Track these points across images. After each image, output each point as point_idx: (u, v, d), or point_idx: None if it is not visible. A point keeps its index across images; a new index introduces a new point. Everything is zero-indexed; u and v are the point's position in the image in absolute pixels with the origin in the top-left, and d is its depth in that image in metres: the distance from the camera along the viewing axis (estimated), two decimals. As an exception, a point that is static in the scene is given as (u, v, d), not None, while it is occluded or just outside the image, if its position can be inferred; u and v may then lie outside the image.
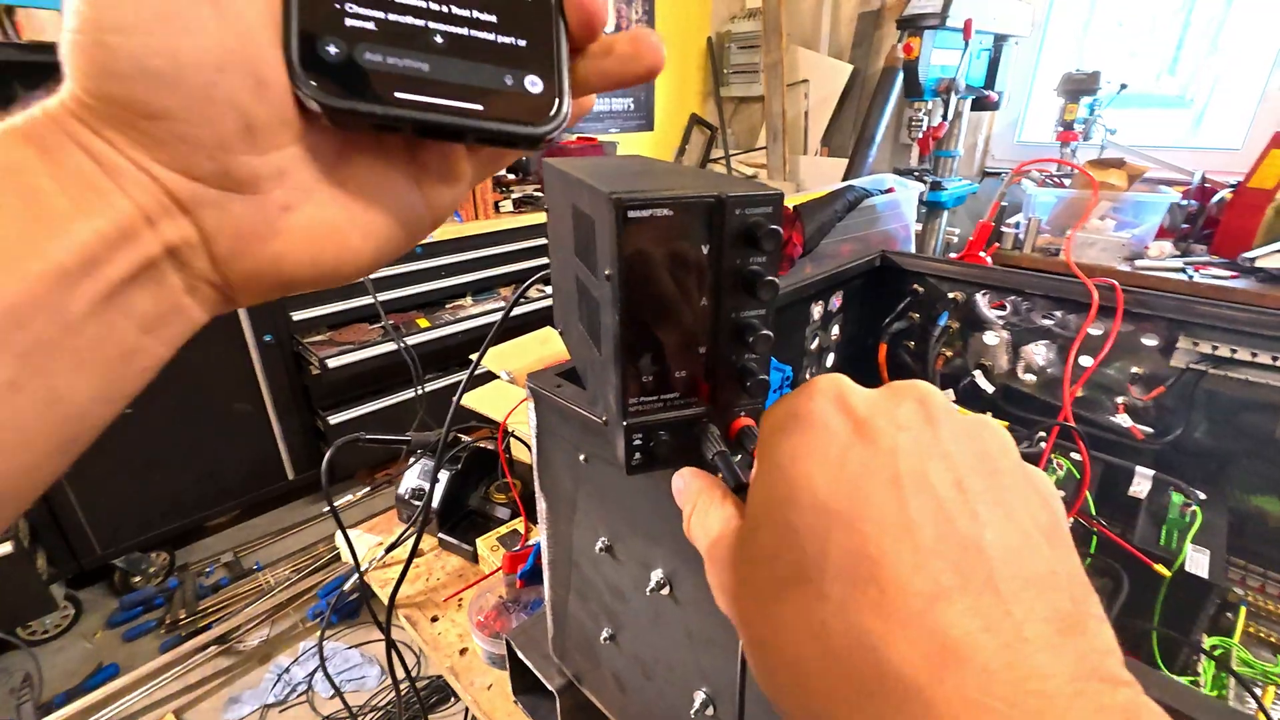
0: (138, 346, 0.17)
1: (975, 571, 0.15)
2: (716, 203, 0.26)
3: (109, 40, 0.15)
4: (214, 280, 0.18)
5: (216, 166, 0.17)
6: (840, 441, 0.19)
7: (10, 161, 0.15)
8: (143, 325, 0.17)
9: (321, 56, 0.17)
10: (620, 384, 0.28)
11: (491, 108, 0.19)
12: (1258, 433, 0.56)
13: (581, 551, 0.42)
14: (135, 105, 0.15)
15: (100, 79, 0.15)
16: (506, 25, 0.19)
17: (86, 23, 0.15)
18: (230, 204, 0.17)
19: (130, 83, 0.15)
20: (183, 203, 0.17)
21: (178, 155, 0.16)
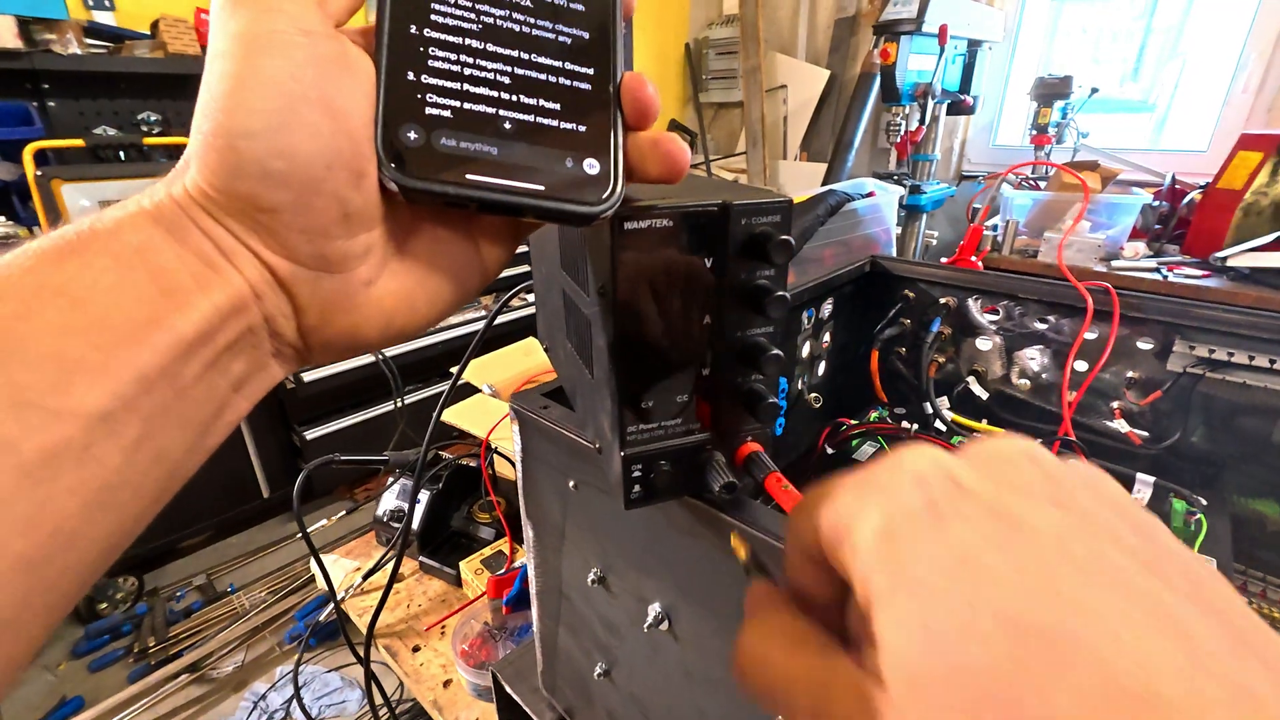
0: (228, 403, 0.19)
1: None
2: (720, 211, 0.24)
3: (239, 145, 0.17)
4: (297, 345, 0.20)
5: (315, 250, 0.18)
6: (997, 537, 0.13)
7: (141, 241, 0.17)
8: (235, 385, 0.19)
9: (403, 142, 0.19)
10: (616, 410, 0.26)
11: (552, 188, 0.20)
12: (1255, 436, 0.55)
13: (572, 583, 0.39)
14: (254, 200, 0.17)
15: (227, 177, 0.17)
16: (568, 113, 0.21)
17: (220, 128, 0.17)
18: (322, 281, 0.19)
19: (253, 181, 0.17)
20: (283, 280, 0.19)
21: (284, 241, 0.18)
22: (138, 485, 0.17)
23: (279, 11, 0.17)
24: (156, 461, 0.17)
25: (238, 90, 0.17)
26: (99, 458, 0.15)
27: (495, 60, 0.20)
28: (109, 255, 0.16)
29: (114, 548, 0.17)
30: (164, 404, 0.17)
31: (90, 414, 0.15)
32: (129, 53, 1.77)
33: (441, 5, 0.19)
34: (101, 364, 0.15)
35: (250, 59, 0.17)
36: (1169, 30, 2.28)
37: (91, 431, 0.15)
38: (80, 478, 0.15)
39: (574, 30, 0.21)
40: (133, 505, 0.17)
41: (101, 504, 0.16)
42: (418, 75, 0.19)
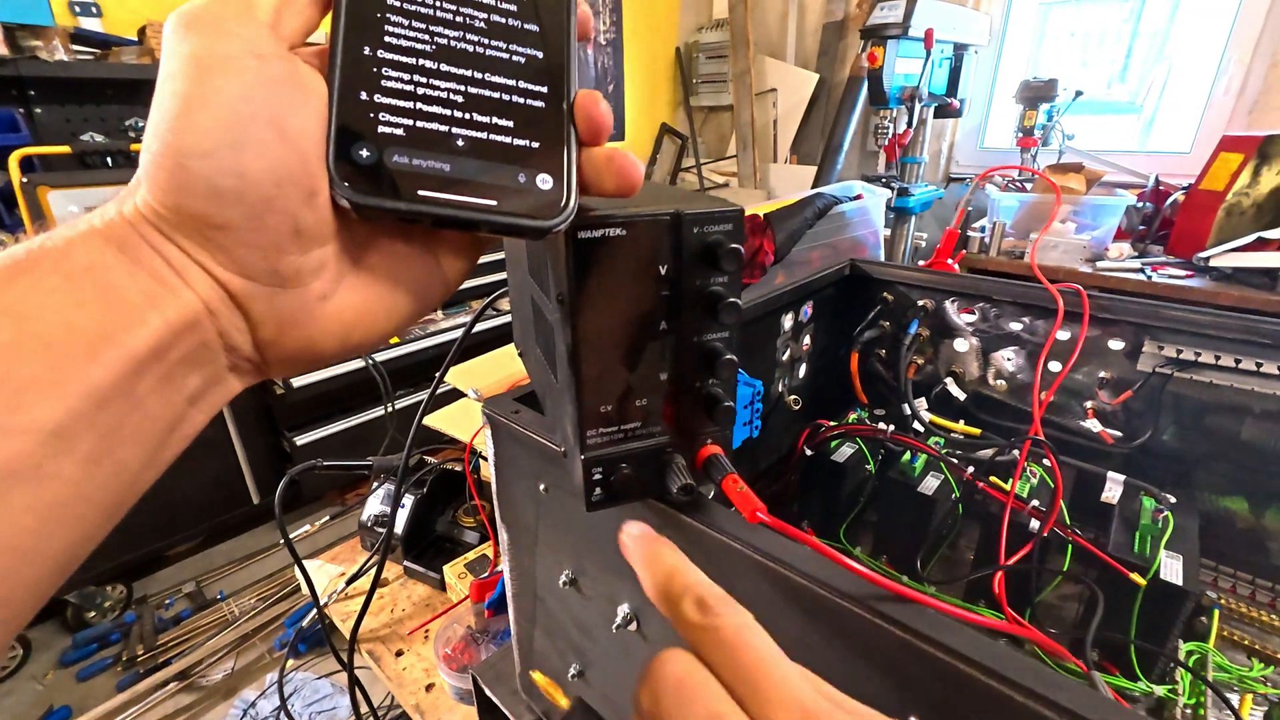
0: (183, 416, 0.19)
1: None
2: (674, 220, 0.24)
3: (188, 164, 0.17)
4: (254, 359, 0.20)
5: (267, 266, 0.19)
6: None
7: (89, 260, 0.17)
8: (190, 399, 0.19)
9: (355, 160, 0.19)
10: (577, 414, 0.26)
11: (505, 203, 0.20)
12: (1224, 434, 0.56)
13: (545, 585, 0.40)
14: (205, 217, 0.18)
15: (177, 195, 0.17)
16: (522, 130, 0.21)
17: (169, 147, 0.17)
18: (276, 297, 0.19)
19: (203, 199, 0.17)
20: (236, 296, 0.19)
21: (236, 258, 0.18)
22: (93, 499, 0.17)
23: (231, 35, 0.18)
24: (113, 475, 0.17)
25: (188, 111, 0.17)
26: (53, 473, 0.16)
27: (449, 80, 0.20)
28: (59, 274, 0.16)
29: (70, 562, 0.17)
30: (118, 419, 0.17)
31: (43, 430, 0.15)
32: (116, 59, 1.77)
33: (395, 27, 0.20)
34: (53, 381, 0.15)
35: (201, 80, 0.17)
36: (1156, 33, 2.31)
37: (45, 447, 0.15)
38: (36, 494, 0.15)
39: (528, 50, 0.22)
40: (89, 519, 0.17)
41: (57, 519, 0.16)
42: (370, 95, 0.19)
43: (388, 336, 0.23)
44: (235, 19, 0.18)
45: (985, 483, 0.54)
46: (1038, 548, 0.49)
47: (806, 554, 0.24)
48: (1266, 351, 0.52)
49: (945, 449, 0.62)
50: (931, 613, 0.21)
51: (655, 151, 3.48)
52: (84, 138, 1.74)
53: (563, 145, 0.21)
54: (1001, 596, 0.46)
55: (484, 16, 0.21)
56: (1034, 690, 0.19)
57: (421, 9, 0.20)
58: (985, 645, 0.20)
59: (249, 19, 0.18)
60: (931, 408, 0.71)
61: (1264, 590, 0.56)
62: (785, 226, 1.11)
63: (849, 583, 0.23)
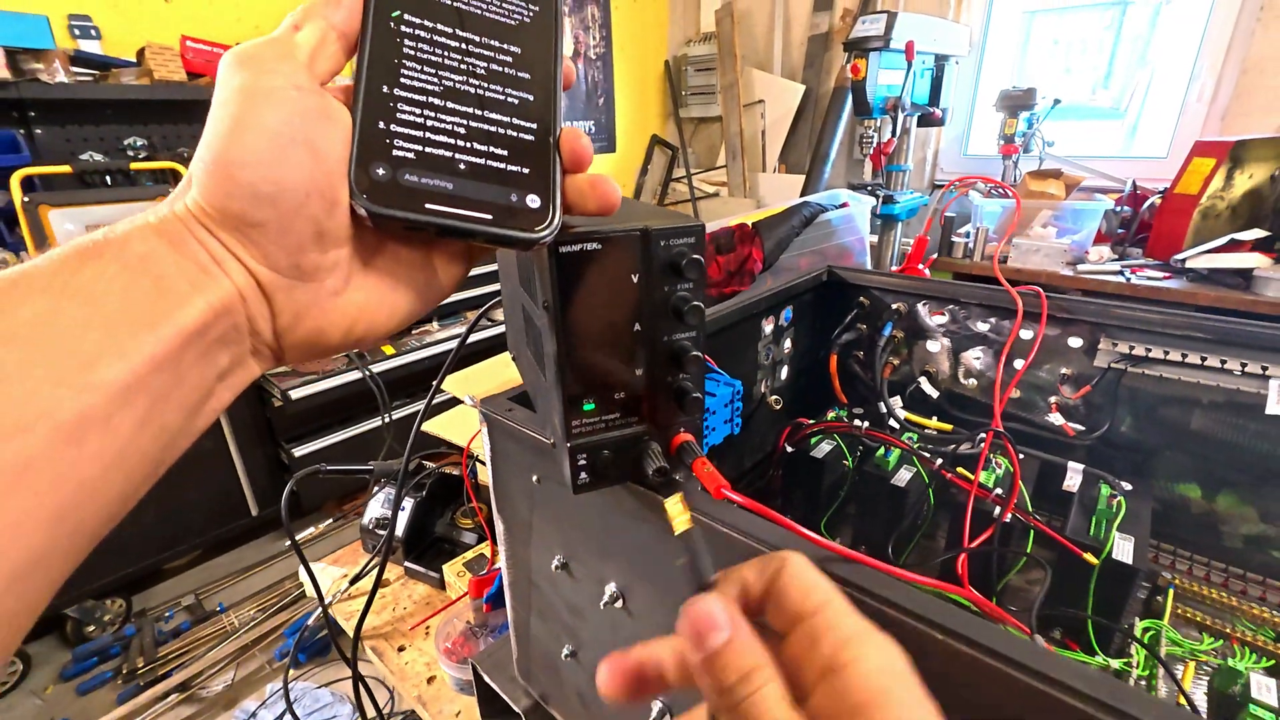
0: (213, 391, 0.22)
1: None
2: (643, 236, 0.28)
3: (235, 172, 0.21)
4: (272, 345, 0.24)
5: (292, 261, 0.22)
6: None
7: (145, 250, 0.20)
8: (220, 375, 0.22)
9: (372, 176, 0.22)
10: (562, 407, 0.29)
11: (498, 218, 0.24)
12: (1176, 425, 0.60)
13: (539, 571, 0.43)
14: (244, 217, 0.21)
15: (224, 197, 0.21)
16: (514, 157, 0.25)
17: (219, 158, 0.21)
18: (295, 289, 0.23)
19: (244, 202, 0.21)
20: (264, 286, 0.22)
21: (266, 253, 0.22)
22: (143, 453, 0.20)
23: (275, 72, 0.22)
24: (158, 434, 0.20)
25: (237, 130, 0.21)
26: (117, 426, 0.19)
27: (453, 115, 0.24)
28: (119, 262, 0.19)
29: (121, 508, 0.20)
30: (167, 385, 0.20)
31: (112, 388, 0.18)
32: (115, 80, 1.80)
33: (409, 71, 0.24)
34: (119, 351, 0.18)
35: (250, 108, 0.21)
36: (1138, 39, 2.36)
37: (112, 402, 0.18)
38: (103, 441, 0.18)
39: (521, 93, 0.26)
40: (138, 471, 0.20)
41: (117, 466, 0.19)
42: (387, 124, 0.23)
43: (387, 333, 0.26)
44: (279, 59, 0.22)
45: (953, 473, 0.57)
46: (998, 531, 0.53)
47: (763, 524, 0.28)
48: (1210, 346, 0.56)
49: (919, 444, 0.66)
50: (868, 569, 0.24)
51: (646, 162, 3.53)
52: (84, 157, 1.77)
53: (549, 171, 0.25)
54: (964, 576, 0.49)
55: (485, 65, 0.25)
56: (952, 629, 0.22)
57: (432, 58, 0.24)
58: (913, 595, 0.23)
59: (290, 59, 0.22)
60: (907, 405, 0.75)
61: (1217, 571, 0.59)
62: (773, 234, 1.15)
63: (800, 546, 0.26)
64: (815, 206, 1.28)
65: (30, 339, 0.18)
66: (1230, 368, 0.55)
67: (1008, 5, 2.57)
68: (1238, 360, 0.54)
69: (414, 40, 0.24)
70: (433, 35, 0.24)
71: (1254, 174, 1.81)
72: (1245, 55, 2.03)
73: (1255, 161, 1.79)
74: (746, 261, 1.14)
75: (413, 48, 0.24)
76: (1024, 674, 0.21)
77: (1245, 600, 0.56)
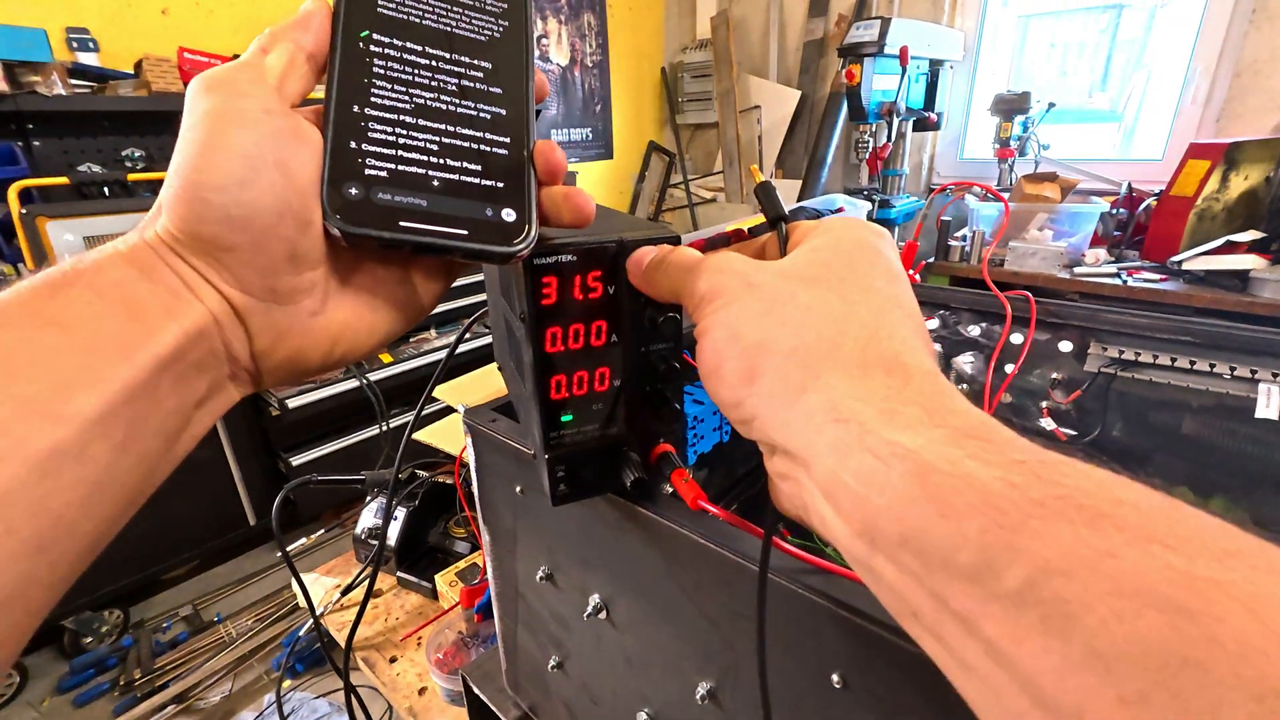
0: (192, 417, 0.22)
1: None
2: (617, 247, 0.28)
3: (206, 195, 0.20)
4: (250, 368, 0.23)
5: (266, 284, 0.22)
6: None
7: (117, 278, 0.20)
8: (198, 401, 0.22)
9: (345, 196, 0.22)
10: (541, 418, 0.29)
11: (474, 233, 0.24)
12: (1167, 429, 0.59)
13: (525, 582, 0.43)
14: (216, 241, 0.21)
15: (195, 222, 0.21)
16: (489, 172, 0.25)
17: (189, 182, 0.20)
18: (272, 311, 0.23)
19: (215, 225, 0.21)
20: (239, 310, 0.22)
21: (240, 276, 0.22)
22: (122, 482, 0.20)
23: (244, 95, 0.21)
24: (138, 463, 0.20)
25: (207, 153, 0.20)
26: (93, 456, 0.18)
27: (426, 132, 0.24)
28: (92, 290, 0.19)
29: (102, 538, 0.20)
30: (144, 412, 0.20)
31: (87, 417, 0.18)
32: (113, 92, 1.81)
33: (379, 92, 0.24)
34: (93, 379, 0.18)
35: (219, 131, 0.21)
36: (1133, 42, 2.37)
37: (87, 433, 0.18)
38: (79, 474, 0.18)
39: (494, 109, 0.26)
40: (119, 500, 0.20)
41: (95, 498, 0.19)
42: (359, 144, 0.23)
43: (368, 352, 0.26)
44: (248, 83, 0.22)
45: (943, 480, 0.57)
46: (988, 538, 0.52)
47: (738, 534, 0.28)
48: (1200, 350, 0.55)
49: (910, 450, 0.65)
50: (845, 581, 0.24)
51: (644, 169, 3.54)
52: (81, 169, 1.78)
53: (524, 185, 0.25)
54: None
55: (456, 81, 0.25)
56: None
57: (402, 76, 0.24)
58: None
59: (259, 82, 0.22)
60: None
61: (1211, 576, 0.59)
62: (767, 240, 1.16)
63: (776, 557, 0.26)
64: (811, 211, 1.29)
65: (1, 371, 0.17)
66: (1219, 371, 0.54)
67: (1002, 10, 2.58)
68: (1227, 364, 0.54)
69: (383, 60, 0.24)
70: (402, 54, 0.24)
71: (1249, 175, 1.81)
72: (1239, 57, 2.04)
73: (1250, 163, 1.79)
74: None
75: (382, 67, 0.24)
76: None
77: (1239, 605, 0.55)
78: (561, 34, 3.12)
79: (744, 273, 0.23)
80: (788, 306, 0.21)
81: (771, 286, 0.22)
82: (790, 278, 0.22)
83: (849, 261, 0.23)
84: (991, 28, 2.60)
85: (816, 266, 0.23)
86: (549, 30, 3.08)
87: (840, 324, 0.21)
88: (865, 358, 0.20)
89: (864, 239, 0.24)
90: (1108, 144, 2.49)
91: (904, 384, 0.19)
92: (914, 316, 0.22)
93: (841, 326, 0.21)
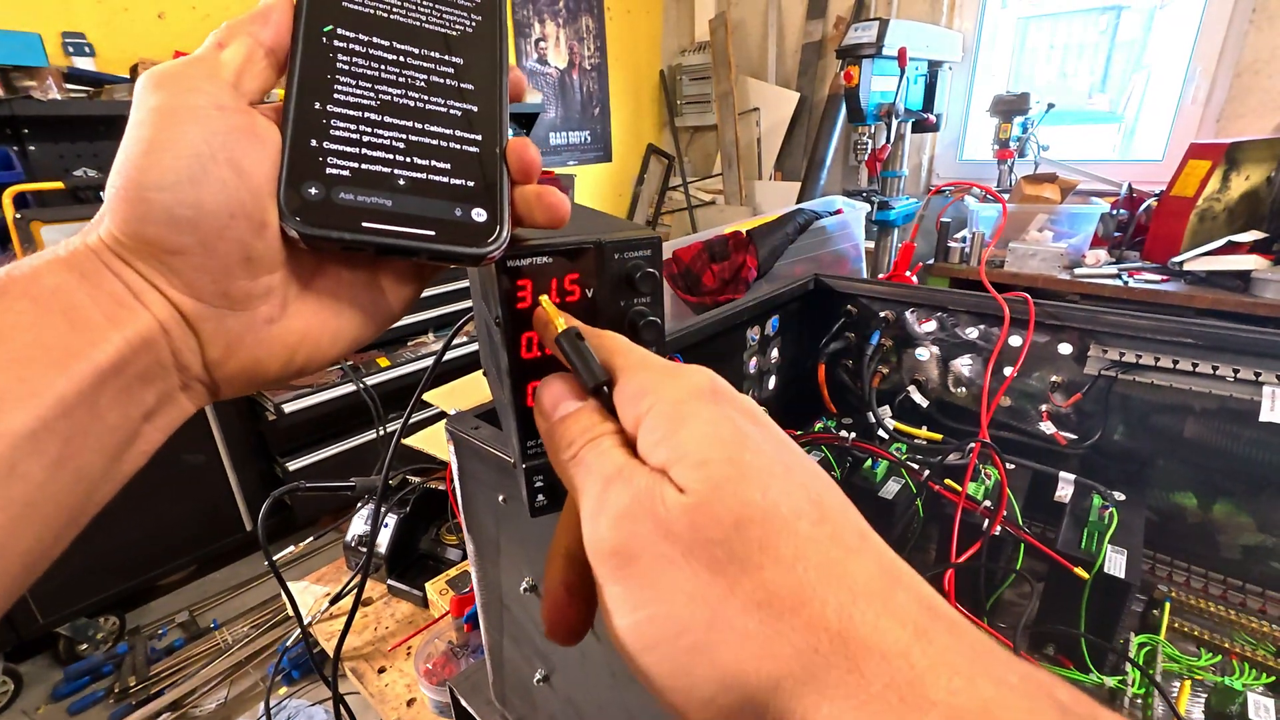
0: (139, 432, 0.21)
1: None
2: (595, 249, 0.27)
3: (149, 195, 0.19)
4: (204, 379, 0.22)
5: (218, 289, 0.21)
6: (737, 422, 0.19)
7: (55, 285, 0.19)
8: (146, 415, 0.21)
9: (304, 196, 0.21)
10: (518, 426, 0.28)
11: (442, 234, 0.23)
12: (1169, 432, 0.58)
13: (509, 593, 0.42)
14: (162, 243, 0.20)
15: (138, 223, 0.19)
16: (458, 171, 0.23)
17: (131, 182, 0.19)
18: (225, 318, 0.21)
19: (160, 227, 0.19)
20: (189, 317, 0.21)
21: (189, 281, 0.20)
22: (58, 501, 0.18)
23: (196, 90, 0.20)
24: (75, 481, 0.19)
25: (152, 151, 0.19)
26: (24, 474, 0.17)
27: (391, 129, 0.23)
28: (28, 298, 0.18)
29: (36, 562, 0.19)
30: (82, 426, 0.18)
31: (17, 434, 0.17)
32: (109, 96, 1.81)
33: (343, 87, 0.23)
34: (26, 392, 0.17)
35: (166, 127, 0.20)
36: (1132, 43, 2.37)
37: (17, 450, 0.17)
38: (7, 492, 0.17)
39: (464, 105, 0.24)
40: (54, 521, 0.19)
41: (26, 518, 0.18)
42: (320, 142, 0.22)
43: (332, 360, 0.25)
44: (201, 78, 0.21)
45: (941, 485, 0.56)
46: (986, 545, 0.51)
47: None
48: (1201, 353, 0.54)
49: (908, 454, 0.64)
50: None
51: (642, 172, 3.54)
52: (77, 173, 1.77)
53: (496, 184, 0.24)
54: (950, 592, 0.48)
55: (424, 78, 0.24)
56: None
57: (367, 72, 0.23)
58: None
59: (214, 78, 0.21)
60: (897, 414, 0.73)
61: (1215, 583, 0.58)
62: (768, 242, 1.14)
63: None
64: (809, 213, 1.28)
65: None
66: (1223, 374, 0.53)
67: (1001, 11, 2.57)
68: (1230, 366, 0.53)
69: (347, 55, 0.23)
70: (368, 49, 0.23)
71: (1250, 175, 1.80)
72: (1239, 58, 2.03)
73: (1251, 163, 1.78)
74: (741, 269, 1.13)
75: (346, 63, 0.23)
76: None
77: (1244, 613, 0.54)
78: (560, 37, 3.12)
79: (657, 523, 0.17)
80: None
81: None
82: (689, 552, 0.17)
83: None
84: (990, 29, 2.60)
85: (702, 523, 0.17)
86: (547, 34, 3.08)
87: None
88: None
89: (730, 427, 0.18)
90: (1108, 145, 2.49)
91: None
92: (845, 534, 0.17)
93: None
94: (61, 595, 1.66)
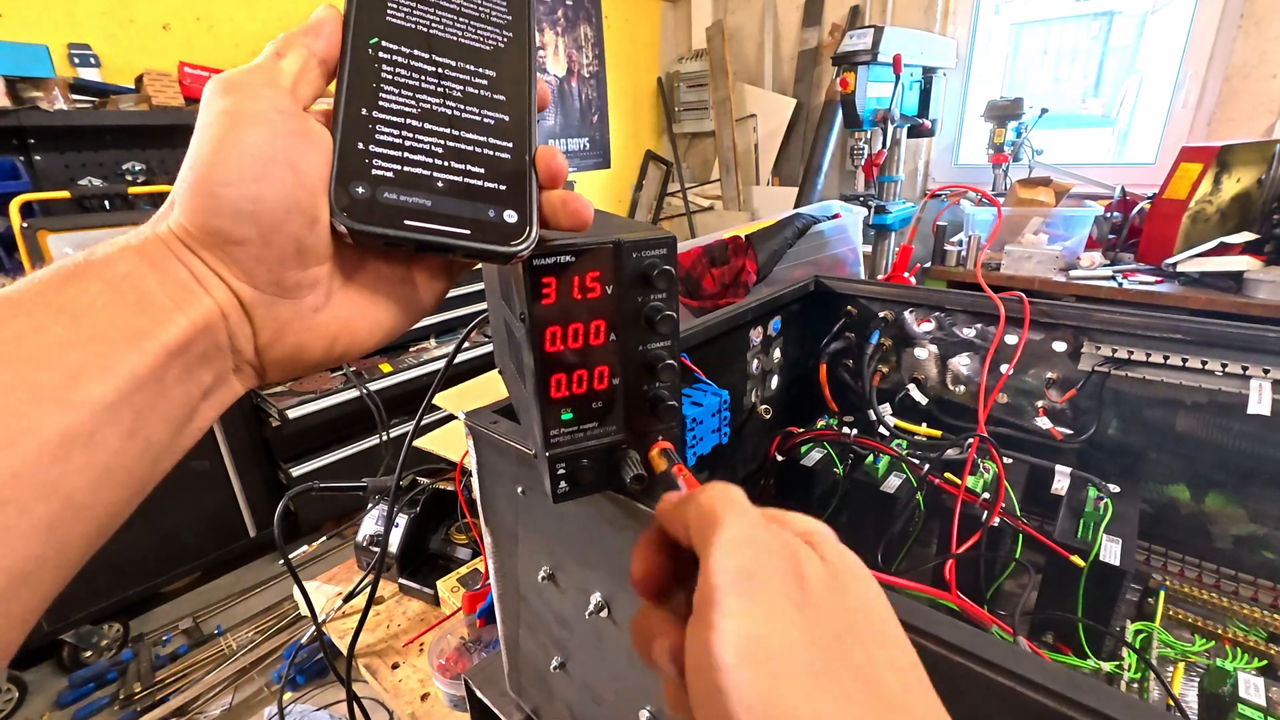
0: (198, 409, 0.23)
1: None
2: (614, 248, 0.28)
3: (217, 190, 0.21)
4: (253, 362, 0.24)
5: (273, 278, 0.23)
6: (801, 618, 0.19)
7: (127, 270, 0.21)
8: (204, 393, 0.23)
9: (352, 194, 0.23)
10: (541, 417, 0.30)
11: (476, 233, 0.25)
12: (1161, 426, 0.60)
13: (526, 583, 0.43)
14: (226, 234, 0.22)
15: (206, 215, 0.21)
16: (491, 175, 0.26)
17: (202, 178, 0.21)
18: (276, 305, 0.23)
19: (226, 219, 0.21)
20: (245, 303, 0.23)
21: (248, 270, 0.22)
22: (129, 469, 0.20)
23: (258, 96, 0.22)
24: (144, 450, 0.21)
25: (221, 150, 0.21)
26: (102, 442, 0.19)
27: (431, 135, 0.25)
28: (101, 281, 0.20)
29: (111, 521, 0.21)
30: (151, 401, 0.20)
31: (97, 404, 0.19)
32: (114, 106, 1.83)
33: (387, 96, 0.25)
34: (102, 366, 0.19)
35: (233, 129, 0.22)
36: (1124, 48, 2.40)
37: (96, 418, 0.19)
38: (88, 458, 0.19)
39: (497, 114, 0.27)
40: (126, 486, 0.20)
41: (103, 482, 0.19)
42: (366, 145, 0.24)
43: (368, 349, 0.27)
44: (262, 85, 0.23)
45: (941, 479, 0.57)
46: (985, 536, 0.53)
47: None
48: (1191, 348, 0.56)
49: (908, 450, 0.66)
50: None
51: (641, 178, 3.56)
52: (82, 182, 1.79)
53: (526, 188, 0.26)
54: (951, 581, 0.49)
55: (461, 88, 0.26)
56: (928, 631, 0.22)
57: (409, 82, 0.25)
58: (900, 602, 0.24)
59: (273, 85, 0.23)
60: (897, 412, 0.75)
61: (1208, 572, 0.59)
62: (766, 246, 1.16)
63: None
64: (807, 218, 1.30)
65: (14, 357, 0.18)
66: (1211, 369, 0.55)
67: (994, 17, 2.61)
68: (1218, 361, 0.55)
69: (391, 66, 0.25)
70: (409, 61, 0.25)
71: (1241, 178, 1.83)
72: (1228, 62, 2.06)
73: (1242, 166, 1.81)
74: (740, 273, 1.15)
75: (390, 73, 0.25)
76: (990, 670, 0.21)
77: (1236, 601, 0.56)
78: (558, 45, 3.15)
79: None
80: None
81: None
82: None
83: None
84: (984, 35, 2.63)
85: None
86: (546, 42, 3.11)
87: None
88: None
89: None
90: (1102, 149, 2.52)
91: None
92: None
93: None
94: (66, 602, 1.66)
